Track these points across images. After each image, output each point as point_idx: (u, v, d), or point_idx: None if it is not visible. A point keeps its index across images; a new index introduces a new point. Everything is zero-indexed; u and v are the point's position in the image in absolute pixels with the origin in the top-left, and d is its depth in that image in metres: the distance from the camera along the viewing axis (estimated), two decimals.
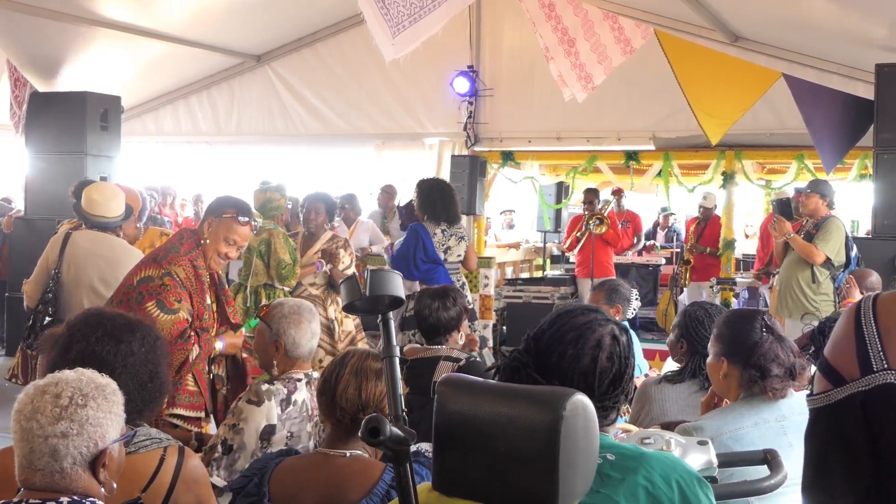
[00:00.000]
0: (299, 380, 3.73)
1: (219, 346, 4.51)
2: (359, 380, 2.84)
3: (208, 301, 4.54)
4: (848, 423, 1.75)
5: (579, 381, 1.98)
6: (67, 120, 9.37)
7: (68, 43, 10.04)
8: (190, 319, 4.29)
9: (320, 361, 6.49)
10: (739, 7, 9.06)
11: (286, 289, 7.02)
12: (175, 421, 4.36)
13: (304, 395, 3.68)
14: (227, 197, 4.73)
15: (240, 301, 6.98)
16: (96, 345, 2.75)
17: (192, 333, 4.26)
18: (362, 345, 7.25)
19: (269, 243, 7.04)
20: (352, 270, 7.26)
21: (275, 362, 3.80)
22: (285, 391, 3.65)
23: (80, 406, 2.16)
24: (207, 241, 4.52)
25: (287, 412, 3.62)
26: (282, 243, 7.03)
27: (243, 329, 4.85)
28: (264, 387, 3.67)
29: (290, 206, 7.88)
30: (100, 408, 2.19)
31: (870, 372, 1.71)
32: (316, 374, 3.80)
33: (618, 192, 12.60)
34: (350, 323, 7.30)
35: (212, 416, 4.59)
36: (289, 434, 3.62)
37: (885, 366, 1.69)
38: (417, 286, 7.01)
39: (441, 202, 7.56)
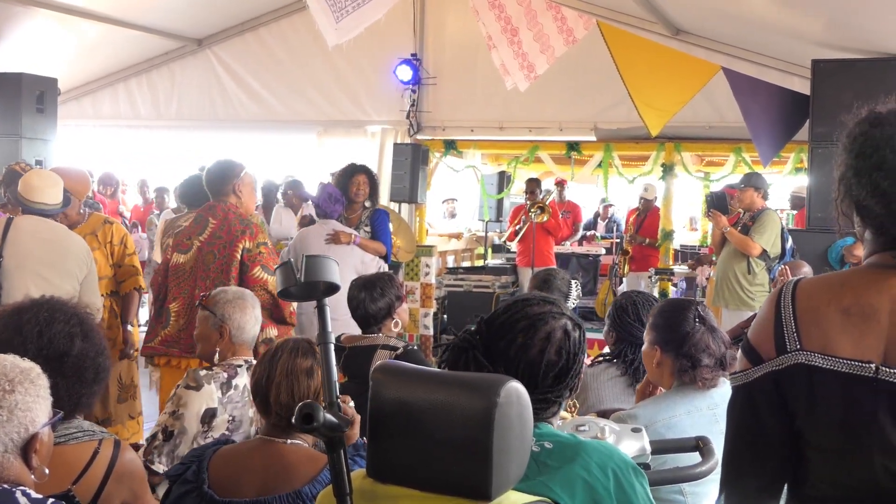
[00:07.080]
0: (239, 366, 3.71)
1: None
2: (290, 381, 2.84)
3: None
4: (762, 402, 1.82)
5: (524, 371, 1.98)
6: (2, 101, 9.17)
7: (3, 23, 9.81)
8: None
9: None
10: (681, 0, 9.13)
11: None
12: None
13: (246, 381, 3.66)
14: (222, 165, 5.32)
15: None
16: (48, 332, 2.65)
17: None
18: None
19: None
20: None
21: (217, 349, 3.78)
22: (225, 375, 3.64)
23: (7, 392, 2.11)
24: (243, 203, 5.25)
25: (228, 395, 3.60)
26: None
27: None
28: (202, 372, 3.65)
29: None
30: (27, 392, 2.14)
31: (784, 352, 1.78)
32: (255, 361, 3.78)
33: (561, 183, 12.67)
34: None
35: None
36: (230, 418, 3.59)
37: (798, 346, 1.77)
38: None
39: None
